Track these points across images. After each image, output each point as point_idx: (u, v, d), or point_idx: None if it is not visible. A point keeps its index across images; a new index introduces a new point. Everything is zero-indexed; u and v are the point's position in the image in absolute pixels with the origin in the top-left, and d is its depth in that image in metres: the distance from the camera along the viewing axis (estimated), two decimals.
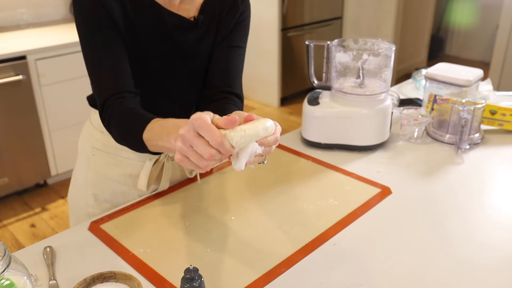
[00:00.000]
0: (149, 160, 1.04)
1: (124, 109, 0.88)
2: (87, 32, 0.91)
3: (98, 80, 0.92)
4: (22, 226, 2.42)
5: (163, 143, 0.76)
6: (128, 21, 0.92)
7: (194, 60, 1.01)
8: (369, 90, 1.26)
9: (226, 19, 1.01)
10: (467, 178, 1.15)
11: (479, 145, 1.32)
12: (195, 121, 0.62)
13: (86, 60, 0.93)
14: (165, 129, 0.76)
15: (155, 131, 0.79)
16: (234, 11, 1.01)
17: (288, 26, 3.76)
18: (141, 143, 0.82)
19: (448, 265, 0.85)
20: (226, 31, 1.02)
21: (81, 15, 0.90)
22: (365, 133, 1.26)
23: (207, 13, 0.99)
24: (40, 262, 0.86)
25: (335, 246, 0.90)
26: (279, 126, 0.70)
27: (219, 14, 1.00)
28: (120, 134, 0.90)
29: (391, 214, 1.01)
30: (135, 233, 0.94)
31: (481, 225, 0.97)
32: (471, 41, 5.08)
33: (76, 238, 0.93)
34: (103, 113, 0.91)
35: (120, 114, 0.88)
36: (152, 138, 0.80)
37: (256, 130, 0.65)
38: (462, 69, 1.46)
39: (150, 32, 0.95)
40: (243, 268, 0.84)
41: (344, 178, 1.15)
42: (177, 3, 0.96)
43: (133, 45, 0.94)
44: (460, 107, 1.26)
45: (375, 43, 1.30)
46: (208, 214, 1.00)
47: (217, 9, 1.00)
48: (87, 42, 0.91)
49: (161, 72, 1.00)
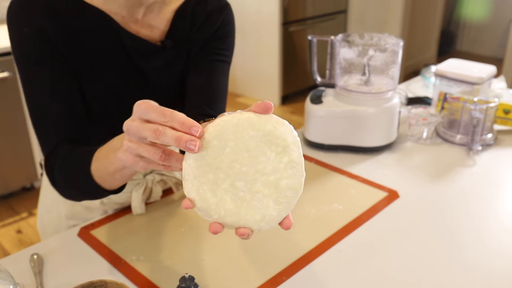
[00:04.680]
0: (135, 191, 1.01)
1: (66, 154, 0.78)
2: (26, 66, 0.80)
3: (40, 128, 0.82)
4: (8, 232, 2.42)
5: (112, 164, 0.64)
6: (78, 47, 0.82)
7: (160, 90, 0.92)
8: (376, 88, 1.26)
9: (198, 34, 0.91)
10: (479, 181, 1.15)
11: (492, 146, 1.32)
12: (139, 106, 0.54)
13: (26, 99, 0.82)
14: (110, 146, 0.66)
15: (101, 156, 0.69)
16: (208, 25, 0.92)
17: (289, 20, 3.76)
18: (92, 182, 0.71)
19: (459, 274, 0.85)
20: (199, 46, 0.92)
21: (19, 45, 0.79)
22: (371, 134, 1.26)
23: (176, 34, 0.89)
24: (27, 270, 0.85)
25: (340, 253, 0.90)
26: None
27: (191, 30, 0.91)
28: (65, 181, 0.78)
29: (399, 220, 1.01)
30: (128, 240, 0.94)
31: (494, 231, 0.97)
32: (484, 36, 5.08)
33: (65, 245, 0.93)
34: (46, 169, 0.81)
35: (63, 160, 0.78)
36: (100, 166, 0.69)
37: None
38: (473, 66, 1.46)
39: (106, 59, 0.85)
40: (241, 276, 0.84)
41: (349, 181, 1.15)
42: (139, 17, 0.85)
43: (88, 75, 0.84)
44: (471, 106, 1.26)
45: (381, 38, 1.30)
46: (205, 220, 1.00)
47: (188, 24, 0.90)
48: (27, 77, 0.81)
49: (125, 105, 0.88)
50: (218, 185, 0.54)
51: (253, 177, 0.54)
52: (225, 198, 0.55)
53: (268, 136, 0.53)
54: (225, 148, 0.53)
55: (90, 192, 0.75)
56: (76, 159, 0.75)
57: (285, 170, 0.54)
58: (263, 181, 0.54)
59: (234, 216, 0.55)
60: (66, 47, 0.81)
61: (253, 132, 0.53)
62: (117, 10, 0.83)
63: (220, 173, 0.54)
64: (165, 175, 1.05)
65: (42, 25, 0.78)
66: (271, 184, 0.54)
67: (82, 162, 0.72)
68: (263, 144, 0.54)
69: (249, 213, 0.55)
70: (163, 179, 1.06)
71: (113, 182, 0.70)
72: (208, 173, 0.54)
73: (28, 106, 0.82)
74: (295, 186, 0.55)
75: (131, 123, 0.54)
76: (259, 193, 0.55)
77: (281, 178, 0.54)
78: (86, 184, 0.73)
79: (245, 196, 0.55)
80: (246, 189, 0.54)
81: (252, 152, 0.54)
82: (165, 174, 1.05)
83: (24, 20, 0.78)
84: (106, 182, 0.70)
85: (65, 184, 0.79)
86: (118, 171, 0.66)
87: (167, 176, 1.05)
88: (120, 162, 0.62)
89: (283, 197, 0.55)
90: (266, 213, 0.55)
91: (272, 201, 0.55)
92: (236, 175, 0.54)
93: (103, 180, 0.70)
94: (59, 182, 0.80)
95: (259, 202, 0.55)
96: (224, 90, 0.95)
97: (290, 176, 0.54)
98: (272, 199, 0.55)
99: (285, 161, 0.54)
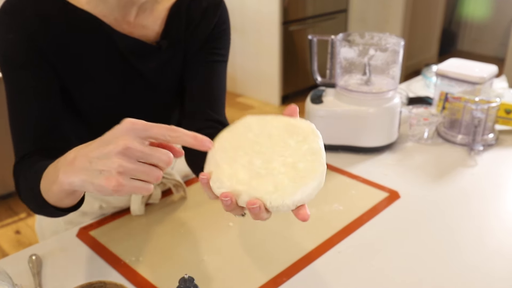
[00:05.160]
0: (134, 195, 1.00)
1: (31, 165, 0.72)
2: (10, 70, 0.78)
3: (15, 133, 0.79)
4: (7, 233, 2.42)
5: (56, 186, 0.57)
6: (70, 53, 0.80)
7: (159, 92, 0.92)
8: (376, 87, 1.27)
9: (195, 33, 0.90)
10: (481, 181, 1.15)
11: (493, 146, 1.32)
12: (134, 125, 0.52)
13: (7, 101, 0.80)
14: (56, 166, 0.59)
15: (48, 175, 0.62)
16: (205, 23, 0.90)
17: (289, 20, 3.76)
18: (42, 200, 0.65)
19: (459, 274, 0.85)
20: (196, 46, 0.91)
21: (4, 50, 0.77)
22: (372, 134, 1.27)
23: (171, 33, 0.88)
24: (26, 271, 0.85)
25: (340, 254, 0.90)
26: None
27: (187, 29, 0.89)
28: (25, 196, 0.73)
29: (399, 220, 1.01)
30: (127, 241, 0.94)
31: (495, 232, 0.97)
32: (485, 35, 5.08)
33: (63, 246, 0.93)
34: (14, 176, 0.77)
35: (25, 173, 0.73)
36: (46, 186, 0.62)
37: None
38: (475, 65, 1.46)
39: (101, 63, 0.84)
40: (241, 277, 0.84)
41: (349, 181, 1.15)
42: (132, 18, 0.84)
43: (83, 80, 0.83)
44: (473, 106, 1.26)
45: (382, 38, 1.30)
46: (205, 220, 1.01)
47: (184, 23, 0.88)
48: (9, 81, 0.78)
49: (123, 108, 0.88)
50: (236, 160, 0.55)
51: (271, 157, 0.55)
52: (240, 170, 0.55)
53: (289, 127, 0.56)
54: (248, 133, 0.56)
55: (42, 210, 0.68)
56: (33, 173, 0.69)
57: (304, 155, 0.55)
58: (281, 161, 0.55)
59: (246, 185, 0.54)
60: (57, 54, 0.79)
61: (277, 123, 0.57)
62: (109, 12, 0.82)
63: (240, 151, 0.56)
64: (165, 177, 1.05)
65: (30, 32, 0.76)
66: (288, 165, 0.54)
67: (35, 178, 0.66)
68: (284, 133, 0.56)
69: (261, 183, 0.54)
70: (162, 181, 1.05)
71: (61, 201, 0.63)
72: (228, 151, 0.56)
73: (8, 108, 0.80)
74: (314, 170, 0.54)
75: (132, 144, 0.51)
76: (275, 170, 0.54)
77: (299, 161, 0.55)
78: (37, 201, 0.66)
79: (261, 171, 0.55)
80: (262, 167, 0.55)
81: (274, 137, 0.56)
82: (164, 176, 1.05)
83: (11, 26, 0.76)
84: (54, 201, 0.63)
85: (24, 196, 0.74)
86: (63, 193, 0.59)
87: (166, 178, 1.05)
88: (64, 186, 0.55)
89: (300, 178, 0.54)
90: (280, 187, 0.53)
91: (287, 179, 0.54)
92: (255, 154, 0.55)
93: (51, 199, 0.63)
94: (22, 193, 0.75)
95: (274, 177, 0.54)
96: (223, 90, 0.95)
97: (309, 161, 0.55)
98: (287, 176, 0.54)
99: (305, 148, 0.55)
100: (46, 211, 0.68)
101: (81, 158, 0.53)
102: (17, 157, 0.79)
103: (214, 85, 0.92)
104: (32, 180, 0.67)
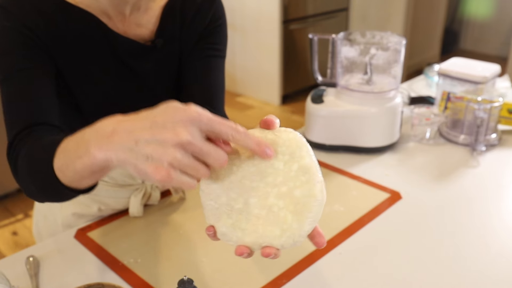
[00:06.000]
0: (134, 197, 1.01)
1: (34, 141, 0.68)
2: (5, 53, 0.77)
3: (9, 116, 0.76)
4: (4, 234, 2.42)
5: (83, 161, 0.51)
6: (65, 48, 0.80)
7: (155, 91, 0.91)
8: (378, 87, 1.27)
9: (190, 30, 0.90)
10: (483, 182, 1.15)
11: (496, 146, 1.32)
12: (200, 116, 0.48)
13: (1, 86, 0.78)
14: (82, 138, 0.53)
15: (69, 148, 0.56)
16: (200, 18, 0.90)
17: (290, 18, 3.76)
18: (53, 178, 0.58)
19: (462, 277, 0.85)
20: (192, 42, 0.91)
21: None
22: (373, 134, 1.27)
23: (166, 31, 0.87)
24: (23, 272, 0.85)
25: (341, 255, 0.90)
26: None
27: (182, 26, 0.89)
28: (29, 174, 0.66)
29: (401, 221, 1.01)
30: (125, 242, 0.94)
31: (498, 233, 0.97)
32: (487, 34, 5.08)
33: (61, 247, 0.93)
34: (10, 155, 0.72)
35: (28, 149, 0.67)
36: (65, 161, 0.56)
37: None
38: (477, 65, 1.46)
39: (96, 62, 0.83)
40: (241, 279, 0.84)
41: (350, 182, 1.15)
42: (126, 16, 0.84)
43: (78, 78, 0.83)
44: (475, 106, 1.26)
45: (383, 37, 1.30)
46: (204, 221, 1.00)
47: (178, 20, 0.88)
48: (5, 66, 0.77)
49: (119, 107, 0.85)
50: (232, 206, 0.53)
51: (265, 191, 0.52)
52: (240, 219, 0.53)
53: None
54: (231, 168, 0.52)
55: (49, 191, 0.62)
56: (40, 148, 0.64)
57: (297, 177, 0.52)
58: (276, 194, 0.52)
59: (252, 235, 0.53)
60: (54, 46, 0.79)
61: None
62: (103, 10, 0.82)
63: (231, 193, 0.53)
64: None
65: (27, 23, 0.76)
66: (284, 195, 0.52)
67: (44, 153, 0.61)
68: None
69: (267, 230, 0.52)
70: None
71: (80, 181, 0.56)
72: (220, 196, 0.53)
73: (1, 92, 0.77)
74: (312, 193, 0.51)
75: (194, 139, 0.47)
76: (274, 207, 0.52)
77: (294, 187, 0.51)
78: (45, 180, 0.60)
79: (260, 212, 0.52)
80: (260, 205, 0.52)
81: (259, 166, 0.52)
82: None
83: (8, 17, 0.76)
84: (71, 180, 0.57)
85: (27, 178, 0.67)
86: (87, 170, 0.52)
87: None
88: (96, 161, 0.49)
89: (301, 207, 0.51)
90: (286, 227, 0.52)
91: (289, 213, 0.52)
92: (247, 192, 0.52)
93: (68, 177, 0.57)
94: (21, 173, 0.68)
95: (276, 217, 0.52)
96: (222, 86, 0.94)
97: (304, 183, 0.51)
98: (289, 210, 0.51)
99: (295, 169, 0.52)
100: (52, 192, 0.62)
101: (124, 135, 0.48)
102: (10, 136, 0.74)
103: (211, 81, 0.91)
104: (42, 157, 0.60)
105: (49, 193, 0.64)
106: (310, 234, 0.54)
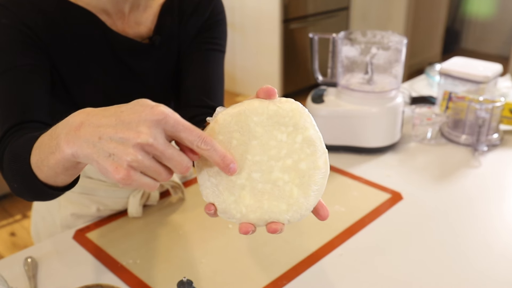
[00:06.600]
0: (132, 197, 1.01)
1: (18, 138, 0.67)
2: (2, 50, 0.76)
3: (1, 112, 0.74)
4: (1, 235, 2.42)
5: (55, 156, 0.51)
6: (64, 47, 0.80)
7: (153, 88, 0.92)
8: (379, 87, 1.27)
9: (188, 26, 0.90)
10: (485, 182, 1.15)
11: (497, 146, 1.32)
12: (166, 118, 0.46)
13: None
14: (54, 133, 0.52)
15: (44, 143, 0.55)
16: (198, 14, 0.90)
17: (290, 18, 3.76)
18: (32, 177, 0.58)
19: (464, 278, 0.85)
20: (190, 38, 0.91)
21: None
22: (374, 134, 1.27)
23: (164, 28, 0.88)
24: (21, 274, 0.85)
25: (342, 257, 0.90)
26: None
27: (180, 24, 0.89)
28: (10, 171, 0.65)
29: (402, 222, 1.01)
30: (124, 243, 0.94)
31: (500, 234, 0.97)
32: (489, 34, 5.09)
33: (59, 248, 0.93)
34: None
35: (10, 146, 0.67)
36: (41, 157, 0.55)
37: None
38: (479, 64, 1.46)
39: (95, 60, 0.84)
40: (241, 280, 0.84)
41: (351, 182, 1.15)
42: (125, 14, 0.84)
43: (77, 76, 0.83)
44: (477, 106, 1.26)
45: (384, 36, 1.30)
46: (203, 222, 1.01)
47: (176, 18, 0.89)
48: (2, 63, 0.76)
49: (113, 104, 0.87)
50: (233, 182, 0.51)
51: (269, 165, 0.51)
52: (243, 195, 0.51)
53: (273, 117, 0.50)
54: (231, 141, 0.50)
55: (29, 188, 0.61)
56: (20, 145, 0.63)
57: (302, 150, 0.51)
58: (280, 167, 0.51)
59: (257, 211, 0.51)
60: (53, 44, 0.79)
61: (257, 118, 0.50)
62: (102, 8, 0.82)
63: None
64: None
65: (26, 21, 0.76)
66: (290, 169, 0.50)
67: (22, 149, 0.60)
68: (270, 128, 0.50)
69: (273, 205, 0.51)
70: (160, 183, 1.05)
71: (56, 178, 0.56)
72: (221, 172, 0.51)
73: None
74: (318, 165, 0.51)
75: (156, 141, 0.46)
76: (279, 181, 0.51)
77: (299, 160, 0.50)
78: (25, 177, 0.60)
79: (265, 187, 0.51)
80: (264, 180, 0.51)
81: (261, 139, 0.50)
82: None
83: (7, 14, 0.76)
84: (46, 176, 0.56)
85: (8, 172, 0.66)
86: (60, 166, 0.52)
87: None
88: (65, 156, 0.49)
89: (307, 180, 0.50)
90: (292, 201, 0.51)
91: (295, 187, 0.51)
92: (250, 167, 0.50)
93: (44, 173, 0.56)
94: (6, 170, 0.67)
95: (282, 191, 0.51)
96: (221, 80, 0.92)
97: (309, 155, 0.51)
98: (295, 184, 0.51)
99: (300, 140, 0.51)
100: (33, 189, 0.60)
101: (90, 129, 0.47)
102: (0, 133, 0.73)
103: (209, 73, 0.90)
104: (20, 153, 0.61)
105: (30, 190, 0.62)
106: (314, 208, 0.53)
